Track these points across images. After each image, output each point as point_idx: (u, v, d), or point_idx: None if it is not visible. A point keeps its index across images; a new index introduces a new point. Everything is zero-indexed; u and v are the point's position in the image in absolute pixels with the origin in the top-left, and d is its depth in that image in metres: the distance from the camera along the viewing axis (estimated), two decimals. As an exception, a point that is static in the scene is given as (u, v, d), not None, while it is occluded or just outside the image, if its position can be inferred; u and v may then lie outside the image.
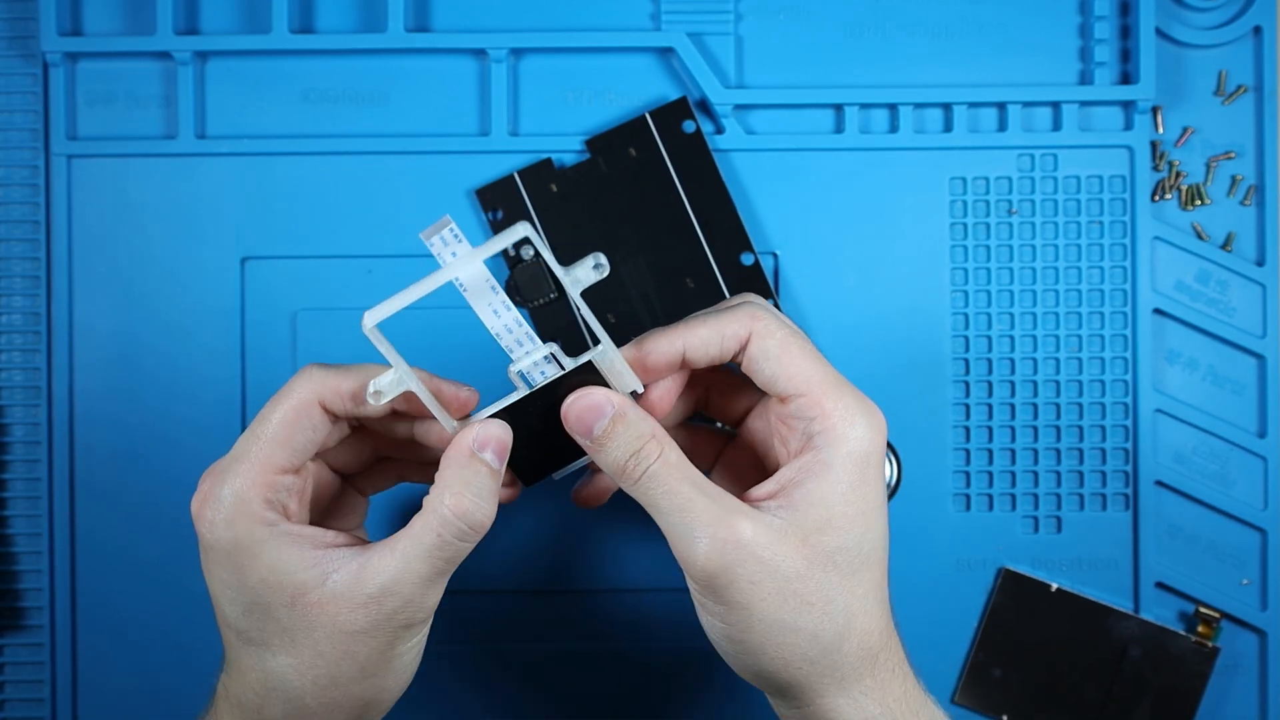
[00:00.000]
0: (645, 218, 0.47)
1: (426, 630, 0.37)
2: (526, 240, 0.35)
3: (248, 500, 0.35)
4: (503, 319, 0.37)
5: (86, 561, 0.48)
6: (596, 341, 0.37)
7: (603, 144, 0.47)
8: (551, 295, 0.47)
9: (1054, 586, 0.48)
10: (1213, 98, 0.49)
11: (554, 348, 0.38)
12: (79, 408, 0.48)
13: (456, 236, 0.36)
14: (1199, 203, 0.49)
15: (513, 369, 0.38)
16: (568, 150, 0.48)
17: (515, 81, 0.49)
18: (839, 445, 0.35)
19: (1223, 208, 0.49)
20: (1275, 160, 0.49)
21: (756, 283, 0.47)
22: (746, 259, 0.47)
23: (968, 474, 0.49)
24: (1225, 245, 0.49)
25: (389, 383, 0.36)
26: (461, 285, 0.37)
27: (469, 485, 0.35)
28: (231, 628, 0.36)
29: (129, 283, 0.48)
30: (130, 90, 0.48)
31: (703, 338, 0.36)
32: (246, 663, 0.36)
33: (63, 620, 0.48)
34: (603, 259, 0.37)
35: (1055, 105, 0.49)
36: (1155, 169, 0.49)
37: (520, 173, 0.47)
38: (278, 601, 0.34)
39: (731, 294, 0.47)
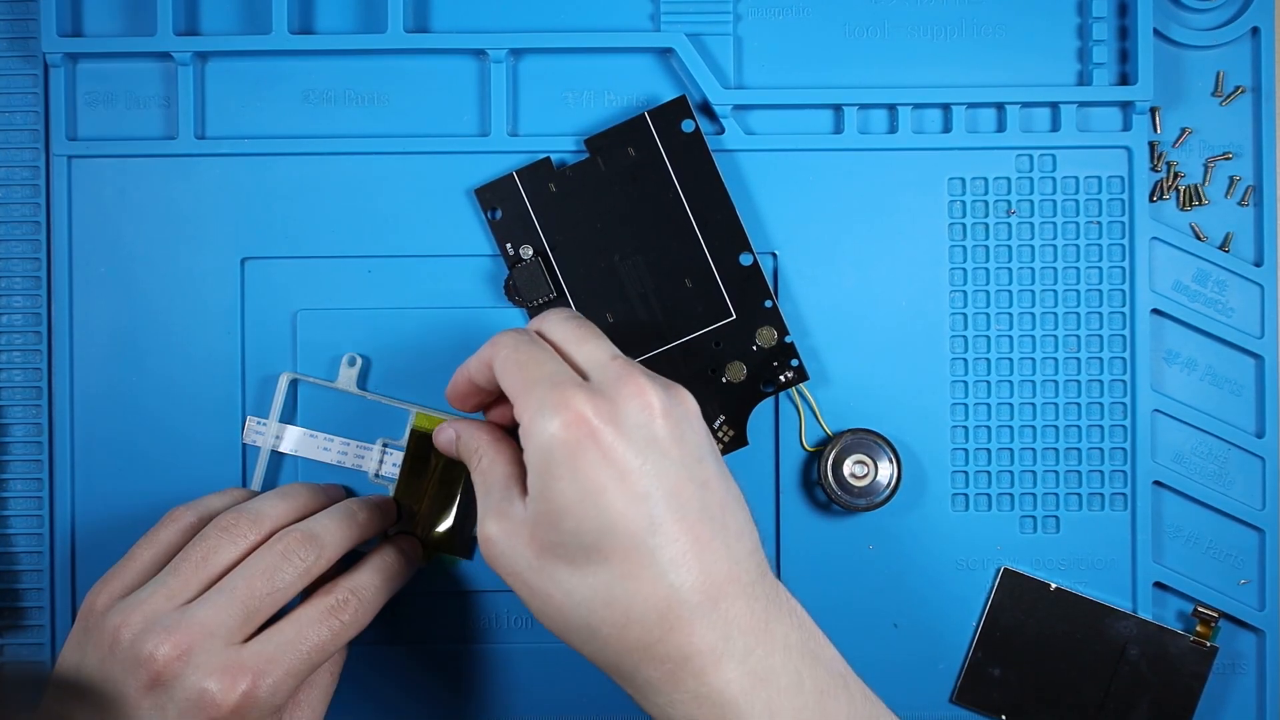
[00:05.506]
0: (644, 217, 0.47)
1: None
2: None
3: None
4: (334, 449, 0.47)
5: (86, 561, 0.48)
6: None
7: (602, 143, 0.47)
8: (550, 295, 0.48)
9: (1053, 586, 0.48)
10: (1210, 98, 0.49)
11: (383, 439, 0.47)
12: (79, 408, 0.48)
13: (260, 422, 0.47)
14: (1197, 203, 0.49)
15: (371, 478, 0.47)
16: (567, 150, 0.48)
17: (515, 82, 0.49)
18: (528, 442, 0.36)
19: (1221, 208, 0.49)
20: (1273, 161, 0.49)
21: (755, 283, 0.47)
22: (745, 259, 0.47)
23: (966, 474, 0.49)
24: (1223, 246, 0.49)
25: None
26: (294, 450, 0.47)
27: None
28: None
29: (129, 283, 0.48)
30: (130, 91, 0.48)
31: (471, 368, 0.41)
32: None
33: (63, 620, 0.48)
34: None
35: (1054, 106, 0.49)
36: (1153, 169, 0.49)
37: (519, 172, 0.47)
38: None
39: (730, 295, 0.47)
